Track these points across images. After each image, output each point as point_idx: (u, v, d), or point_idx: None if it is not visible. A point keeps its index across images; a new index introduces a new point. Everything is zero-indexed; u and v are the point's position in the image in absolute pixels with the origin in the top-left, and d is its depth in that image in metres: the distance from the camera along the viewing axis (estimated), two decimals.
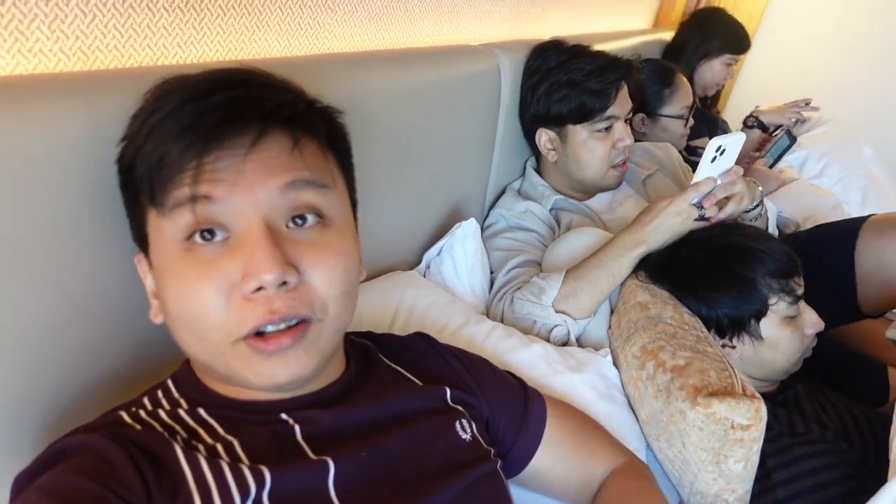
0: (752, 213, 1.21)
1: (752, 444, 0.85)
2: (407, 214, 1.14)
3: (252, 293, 0.50)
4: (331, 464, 0.55)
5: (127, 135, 0.56)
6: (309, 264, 0.53)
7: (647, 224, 1.08)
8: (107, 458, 0.48)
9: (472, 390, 0.74)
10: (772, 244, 1.03)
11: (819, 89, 2.53)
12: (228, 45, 0.85)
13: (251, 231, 0.51)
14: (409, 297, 1.01)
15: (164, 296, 0.54)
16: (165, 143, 0.50)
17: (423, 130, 1.09)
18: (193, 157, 0.50)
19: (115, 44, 0.72)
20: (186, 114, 0.50)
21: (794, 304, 1.01)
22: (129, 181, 0.56)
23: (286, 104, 0.55)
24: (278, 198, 0.53)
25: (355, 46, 1.09)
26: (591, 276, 1.08)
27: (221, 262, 0.51)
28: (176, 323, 0.54)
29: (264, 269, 0.49)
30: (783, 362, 1.03)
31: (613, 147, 1.31)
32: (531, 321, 1.08)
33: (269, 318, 0.51)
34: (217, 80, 0.53)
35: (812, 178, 2.01)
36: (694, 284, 1.03)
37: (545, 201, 1.34)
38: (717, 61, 2.27)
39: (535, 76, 1.31)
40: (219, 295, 0.50)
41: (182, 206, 0.50)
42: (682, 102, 1.86)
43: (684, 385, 0.86)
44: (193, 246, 0.51)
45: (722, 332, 1.01)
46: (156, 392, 0.60)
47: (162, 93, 0.54)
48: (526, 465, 0.76)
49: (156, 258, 0.55)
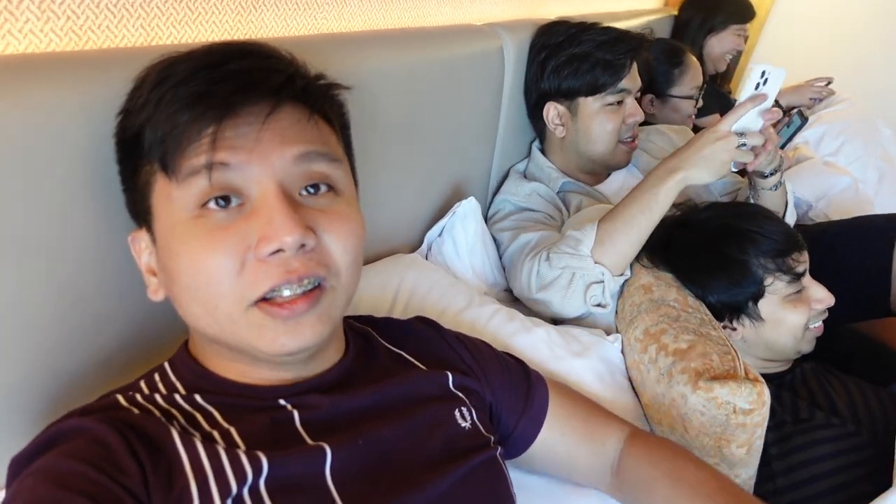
0: (770, 180, 1.18)
1: (755, 429, 0.84)
2: (409, 196, 1.13)
3: (269, 256, 0.50)
4: (327, 450, 0.55)
5: (128, 106, 0.56)
6: (324, 229, 0.54)
7: (684, 151, 1.02)
8: (103, 441, 0.48)
9: (476, 374, 0.74)
10: (767, 224, 1.01)
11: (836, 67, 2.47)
12: (224, 25, 0.84)
13: (268, 196, 0.51)
14: (409, 280, 1.00)
15: (173, 265, 0.53)
16: (180, 110, 0.50)
17: (425, 111, 1.07)
18: (210, 124, 0.50)
19: (107, 24, 0.71)
20: (201, 81, 0.50)
21: (794, 281, 0.99)
22: (131, 152, 0.55)
23: (299, 76, 0.56)
24: (293, 167, 0.53)
25: (355, 26, 1.07)
26: (625, 215, 1.01)
27: (237, 225, 0.51)
28: (186, 294, 0.53)
29: (285, 231, 0.49)
30: (788, 341, 1.02)
31: (624, 122, 1.28)
32: (569, 275, 1.02)
33: (286, 277, 0.51)
34: (228, 50, 0.54)
35: (828, 155, 1.97)
36: (690, 269, 1.02)
37: (552, 183, 1.32)
38: (725, 34, 2.23)
39: (543, 52, 1.29)
40: (233, 259, 0.50)
41: (197, 173, 0.50)
42: (692, 82, 1.83)
43: (686, 369, 0.85)
44: (206, 212, 0.51)
45: (719, 316, 1.00)
46: (152, 376, 0.60)
47: (166, 63, 0.54)
48: (529, 446, 0.76)
49: (163, 228, 0.54)
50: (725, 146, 1.00)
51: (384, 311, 0.97)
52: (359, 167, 0.68)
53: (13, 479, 0.49)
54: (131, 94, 0.56)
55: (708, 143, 1.00)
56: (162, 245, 0.54)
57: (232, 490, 0.49)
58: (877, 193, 1.90)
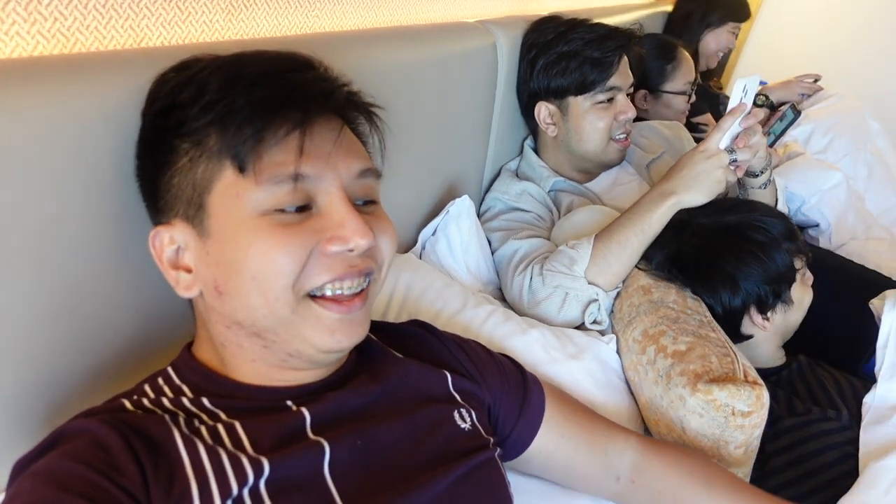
0: (760, 178, 1.18)
1: (753, 430, 0.84)
2: (403, 194, 1.12)
3: (335, 253, 0.54)
4: (326, 447, 0.55)
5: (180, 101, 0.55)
6: (377, 231, 0.58)
7: (675, 174, 1.03)
8: (103, 443, 0.48)
9: (474, 377, 0.74)
10: (767, 210, 1.03)
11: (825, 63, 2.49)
12: (214, 25, 0.82)
13: (337, 203, 0.55)
14: (403, 281, 0.99)
15: (238, 256, 0.54)
16: (259, 115, 0.52)
17: (418, 110, 1.06)
18: (293, 133, 0.53)
19: (95, 25, 0.69)
20: (273, 87, 0.53)
21: (808, 262, 1.01)
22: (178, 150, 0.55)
23: (355, 93, 0.61)
24: (354, 180, 0.58)
25: (348, 25, 1.06)
26: (620, 237, 1.03)
27: (308, 224, 0.54)
28: (249, 284, 0.54)
29: (360, 234, 0.54)
30: (800, 319, 1.05)
31: (615, 120, 1.27)
32: (563, 294, 1.03)
33: (348, 271, 0.55)
34: (285, 59, 0.58)
35: (818, 152, 1.97)
36: (720, 270, 1.00)
37: (544, 183, 1.31)
38: (721, 30, 2.25)
39: (532, 50, 1.28)
40: (303, 251, 0.53)
41: (283, 181, 0.53)
42: (685, 78, 1.82)
43: (685, 371, 0.85)
44: (280, 215, 0.54)
45: (763, 308, 0.99)
46: (157, 380, 0.60)
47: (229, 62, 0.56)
48: (527, 447, 0.75)
49: (226, 222, 0.54)
50: (717, 164, 1.01)
51: (379, 313, 0.96)
52: None
53: (14, 480, 0.49)
54: (171, 87, 0.57)
55: (699, 163, 1.02)
56: (222, 239, 0.55)
57: (233, 491, 0.50)
58: (867, 189, 1.91)
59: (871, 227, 1.79)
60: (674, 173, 1.04)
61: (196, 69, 0.56)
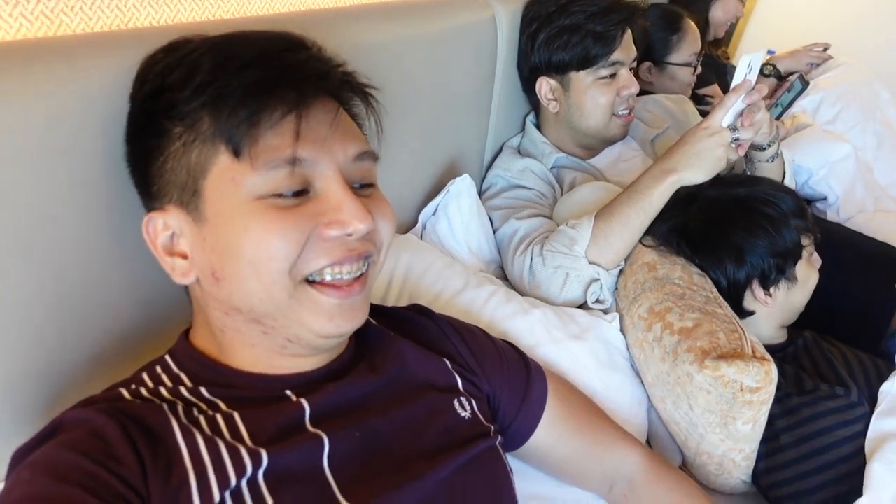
0: (767, 151, 1.16)
1: (761, 406, 0.83)
2: (402, 173, 1.10)
3: (334, 237, 0.53)
4: (325, 439, 0.55)
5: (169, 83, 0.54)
6: (376, 214, 0.57)
7: (677, 151, 1.02)
8: (101, 432, 0.48)
9: (472, 368, 0.73)
10: (777, 185, 1.02)
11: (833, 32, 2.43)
12: (204, 3, 0.80)
13: (335, 187, 0.54)
14: (404, 261, 0.98)
15: (235, 240, 0.52)
16: (253, 97, 0.51)
17: (417, 86, 1.04)
18: (289, 117, 0.52)
19: (80, 5, 0.67)
20: (267, 68, 0.52)
21: (815, 241, 1.00)
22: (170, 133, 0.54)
23: (351, 73, 0.60)
24: (351, 163, 0.57)
25: (344, 0, 1.03)
26: (620, 215, 1.02)
27: (306, 208, 0.53)
28: (246, 269, 0.53)
29: (359, 218, 0.53)
30: (805, 300, 1.03)
31: (618, 95, 1.24)
32: (563, 275, 1.03)
33: (347, 255, 0.54)
34: (279, 39, 0.56)
35: (826, 122, 1.93)
36: (727, 241, 0.99)
37: (546, 159, 1.29)
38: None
39: (533, 24, 1.25)
40: (301, 234, 0.52)
41: (279, 166, 0.52)
42: (691, 49, 1.78)
43: (692, 347, 0.84)
44: (278, 199, 0.53)
45: (766, 283, 0.98)
46: (154, 368, 0.59)
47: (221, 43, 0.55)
48: (525, 441, 0.75)
49: (222, 208, 0.53)
50: (719, 141, 0.99)
51: (380, 295, 0.95)
52: None
53: (12, 470, 0.49)
54: (160, 69, 0.55)
55: (701, 140, 1.00)
56: (218, 224, 0.53)
57: (231, 482, 0.49)
58: (875, 160, 1.87)
59: (879, 198, 1.76)
60: (675, 150, 1.02)
61: (186, 50, 0.55)
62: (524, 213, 1.15)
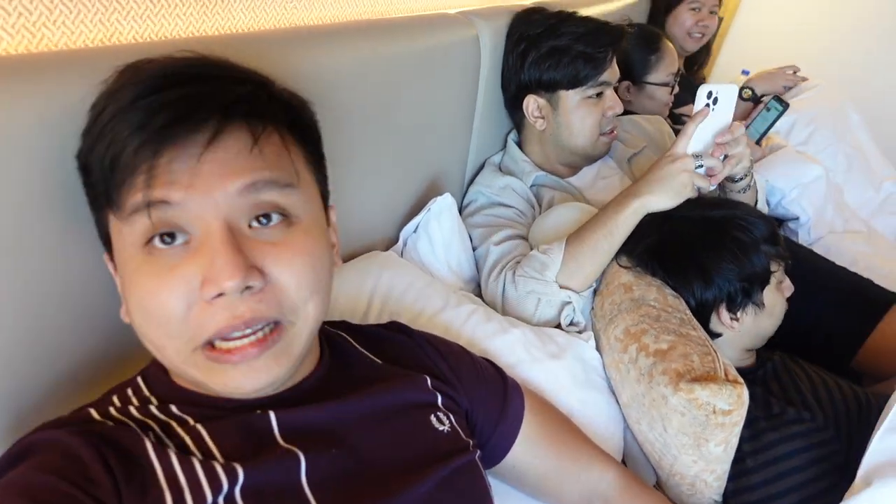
0: (740, 183, 1.19)
1: (733, 428, 0.84)
2: (384, 191, 1.10)
3: (214, 298, 0.49)
4: (301, 457, 0.54)
5: (84, 130, 0.53)
6: (275, 265, 0.51)
7: (643, 178, 1.04)
8: (75, 454, 0.48)
9: (451, 382, 0.73)
10: (752, 212, 1.03)
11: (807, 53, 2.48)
12: (188, 19, 0.80)
13: (211, 235, 0.49)
14: (385, 279, 0.98)
15: (127, 301, 0.53)
16: (116, 143, 0.48)
17: (399, 104, 1.04)
18: (146, 160, 0.48)
19: (62, 19, 0.67)
20: (137, 112, 0.48)
21: (785, 268, 1.01)
22: (87, 182, 0.54)
23: (243, 99, 0.51)
24: (238, 199, 0.50)
25: (328, 17, 1.03)
26: (590, 240, 1.04)
27: (181, 267, 0.49)
28: (139, 330, 0.53)
29: (225, 275, 0.47)
30: (773, 328, 1.04)
31: (604, 115, 1.27)
32: (536, 299, 1.04)
33: (231, 323, 0.49)
34: (170, 73, 0.51)
35: (799, 144, 1.97)
36: (695, 262, 1.00)
37: (526, 177, 1.30)
38: (679, 10, 2.18)
39: (522, 43, 1.27)
40: (180, 301, 0.49)
41: (138, 211, 0.48)
42: (669, 69, 1.81)
43: (667, 370, 0.85)
44: (154, 250, 0.50)
45: (733, 307, 0.99)
46: (125, 390, 0.59)
47: (116, 87, 0.52)
48: (502, 459, 0.75)
49: (119, 262, 0.53)
50: (682, 167, 1.01)
51: (360, 313, 0.95)
52: (333, 163, 0.66)
53: None
54: (89, 114, 0.53)
55: (664, 167, 1.02)
56: (122, 275, 0.53)
57: (207, 499, 0.49)
58: (846, 181, 1.92)
59: (849, 220, 1.81)
60: (643, 177, 1.05)
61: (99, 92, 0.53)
62: (501, 234, 1.16)
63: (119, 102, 0.49)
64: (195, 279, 0.49)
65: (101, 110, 0.50)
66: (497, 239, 1.15)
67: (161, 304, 0.49)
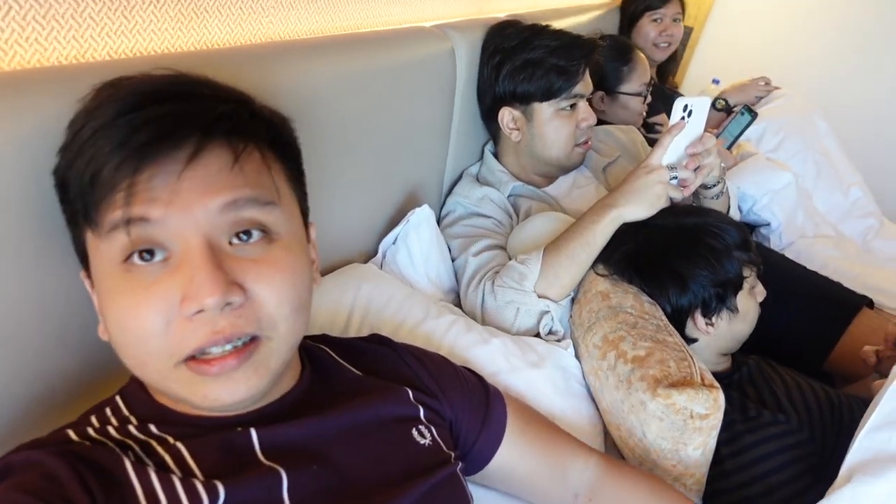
0: (713, 190, 1.21)
1: (711, 432, 0.86)
2: (362, 204, 1.11)
3: (194, 315, 0.49)
4: (283, 474, 0.54)
5: (62, 146, 0.53)
6: (255, 281, 0.51)
7: (619, 188, 1.06)
8: (53, 474, 0.47)
9: (434, 393, 0.73)
10: (725, 218, 1.04)
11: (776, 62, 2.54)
12: (163, 35, 0.80)
13: (190, 252, 0.49)
14: (364, 292, 0.98)
15: (105, 318, 0.52)
16: (96, 160, 0.48)
17: (376, 117, 1.05)
18: (126, 177, 0.48)
19: (35, 36, 0.66)
20: (118, 129, 0.48)
21: (757, 273, 1.03)
22: (64, 199, 0.53)
23: (225, 116, 0.52)
24: (218, 216, 0.51)
25: (303, 31, 1.04)
26: (567, 250, 1.05)
27: (161, 284, 0.49)
28: (117, 346, 0.52)
29: (205, 292, 0.47)
30: (747, 332, 1.05)
31: (577, 126, 1.29)
32: (514, 309, 1.05)
33: (211, 338, 0.49)
34: (150, 91, 0.51)
35: (769, 151, 2.02)
36: (670, 269, 1.02)
37: (503, 188, 1.31)
38: (642, 22, 2.23)
39: (496, 55, 1.28)
40: (159, 317, 0.49)
41: (117, 228, 0.48)
42: (641, 79, 1.85)
43: (645, 376, 0.86)
44: (132, 267, 0.50)
45: (708, 312, 1.00)
46: (104, 410, 0.58)
47: (95, 104, 0.52)
48: (487, 463, 0.75)
49: (96, 279, 0.53)
50: (657, 178, 1.03)
51: (341, 325, 0.95)
52: (311, 176, 0.66)
53: None
54: (66, 131, 0.53)
55: (640, 178, 1.04)
56: (98, 294, 0.53)
57: None
58: (815, 187, 1.96)
59: (819, 224, 1.85)
60: (619, 187, 1.07)
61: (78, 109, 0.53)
62: (479, 244, 1.17)
63: (99, 119, 0.49)
64: (175, 296, 0.49)
65: (81, 127, 0.50)
66: (475, 250, 1.16)
67: (140, 321, 0.49)
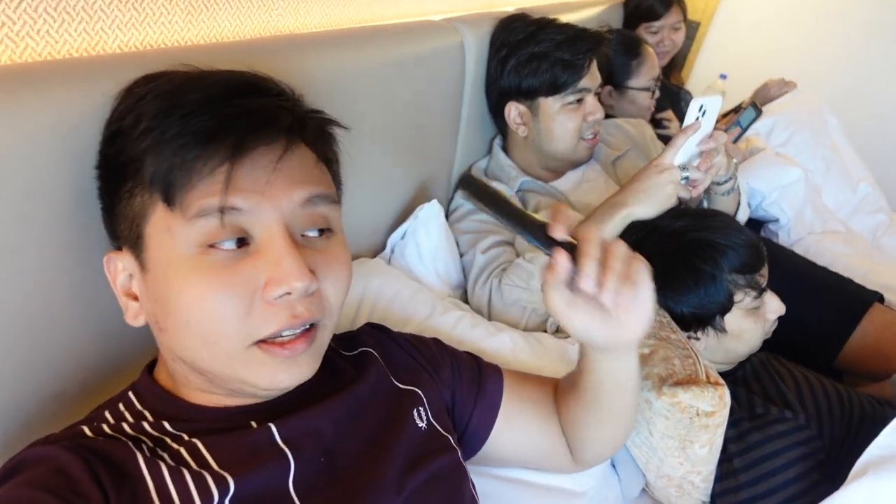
0: (724, 185, 1.20)
1: (717, 429, 0.86)
2: (371, 198, 1.11)
3: (276, 299, 0.51)
4: (291, 461, 0.55)
5: (120, 126, 0.54)
6: (323, 273, 0.55)
7: (629, 186, 1.05)
8: (65, 470, 0.48)
9: (429, 372, 0.74)
10: (737, 237, 1.01)
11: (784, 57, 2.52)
12: (174, 27, 0.80)
13: (275, 239, 0.52)
14: (373, 287, 0.98)
15: (171, 299, 0.52)
16: (190, 145, 0.50)
17: (385, 111, 1.05)
18: (223, 164, 0.50)
19: (46, 28, 0.66)
20: (212, 116, 0.50)
21: (758, 297, 1.00)
22: (125, 176, 0.53)
23: (309, 117, 0.57)
24: (299, 209, 0.54)
25: (311, 24, 1.04)
26: None
27: (243, 267, 0.51)
28: (183, 329, 0.52)
29: (295, 276, 0.50)
30: (745, 349, 1.04)
31: (584, 120, 1.28)
32: (522, 308, 1.05)
33: (289, 322, 0.52)
34: (235, 83, 0.54)
35: (779, 145, 2.01)
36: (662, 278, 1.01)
37: (512, 182, 1.31)
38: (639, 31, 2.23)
39: (502, 50, 1.28)
40: (240, 300, 0.51)
41: (209, 214, 0.50)
42: (650, 74, 1.84)
43: (650, 374, 0.86)
44: (212, 251, 0.51)
45: (686, 327, 1.00)
46: (117, 405, 0.58)
47: (169, 89, 0.53)
48: (487, 437, 0.76)
49: (159, 259, 0.52)
50: (668, 178, 1.02)
51: (349, 320, 0.95)
52: None
53: None
54: (120, 111, 0.54)
55: (651, 177, 1.03)
56: (157, 276, 0.53)
57: None
58: (824, 183, 1.95)
59: (827, 221, 1.84)
60: (628, 185, 1.06)
61: (140, 93, 0.54)
62: (487, 240, 1.17)
63: (186, 106, 0.50)
64: (258, 279, 0.51)
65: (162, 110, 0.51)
66: (483, 246, 1.16)
67: (222, 302, 0.50)
